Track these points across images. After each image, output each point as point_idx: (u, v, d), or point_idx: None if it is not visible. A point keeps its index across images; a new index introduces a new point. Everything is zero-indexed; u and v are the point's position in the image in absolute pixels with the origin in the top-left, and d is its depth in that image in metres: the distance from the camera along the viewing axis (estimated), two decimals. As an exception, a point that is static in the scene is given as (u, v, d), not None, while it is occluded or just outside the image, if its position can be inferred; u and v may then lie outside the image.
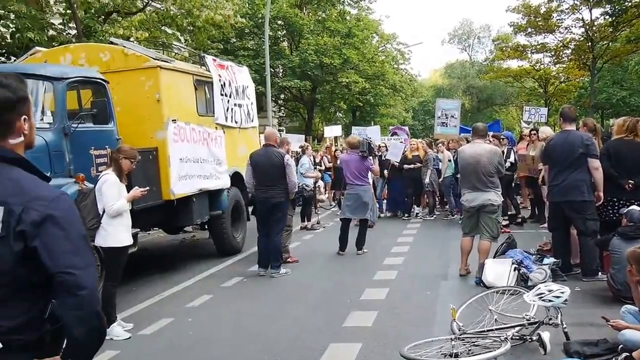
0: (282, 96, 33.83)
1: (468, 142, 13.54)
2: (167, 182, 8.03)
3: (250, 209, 11.32)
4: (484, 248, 7.07)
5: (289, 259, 8.85)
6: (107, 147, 6.79)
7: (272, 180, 7.99)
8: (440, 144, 14.21)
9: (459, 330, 4.42)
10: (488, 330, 4.48)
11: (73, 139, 6.28)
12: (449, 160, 13.27)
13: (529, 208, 12.56)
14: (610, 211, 6.74)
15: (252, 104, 11.43)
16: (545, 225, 10.91)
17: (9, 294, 1.80)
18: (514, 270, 6.58)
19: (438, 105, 19.71)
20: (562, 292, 4.29)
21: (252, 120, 11.38)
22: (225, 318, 6.18)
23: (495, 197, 7.04)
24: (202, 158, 8.97)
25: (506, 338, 4.17)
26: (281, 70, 31.34)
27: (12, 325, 1.80)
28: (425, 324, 5.55)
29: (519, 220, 11.70)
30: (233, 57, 22.27)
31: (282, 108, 35.99)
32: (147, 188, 6.05)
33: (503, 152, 9.84)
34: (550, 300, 4.29)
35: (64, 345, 1.91)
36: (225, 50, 25.46)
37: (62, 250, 1.78)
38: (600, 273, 6.63)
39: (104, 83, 7.07)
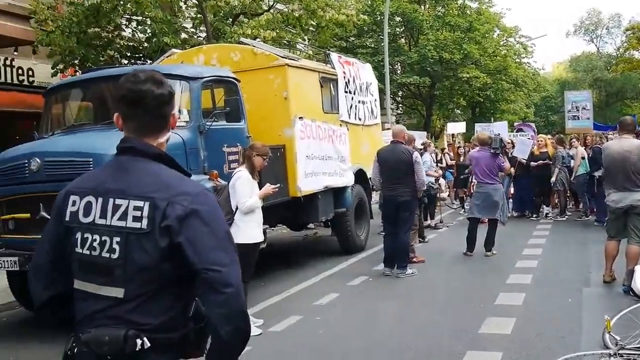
0: (400, 93, 33.42)
1: (606, 138, 12.68)
2: (294, 179, 8.09)
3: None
4: (633, 253, 6.42)
5: (414, 259, 8.61)
6: (238, 144, 6.93)
7: (399, 177, 7.79)
8: (574, 140, 13.31)
9: (616, 345, 3.99)
10: (651, 347, 4.01)
11: (207, 136, 6.46)
12: (583, 158, 12.40)
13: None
14: None
15: (375, 100, 11.32)
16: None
17: (155, 290, 1.78)
18: (671, 277, 5.91)
19: (567, 99, 18.53)
20: None
21: (375, 117, 11.27)
22: (354, 318, 6.08)
23: (645, 197, 6.39)
24: (327, 155, 8.97)
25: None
26: (400, 67, 30.95)
27: (158, 323, 1.78)
28: (570, 335, 5.12)
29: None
30: (352, 55, 22.27)
31: (400, 105, 35.56)
32: (279, 185, 6.06)
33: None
34: None
35: (208, 346, 1.86)
36: (345, 48, 25.53)
37: (208, 246, 1.75)
38: None
39: (235, 82, 7.23)
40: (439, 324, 5.66)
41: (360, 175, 10.04)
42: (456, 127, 18.26)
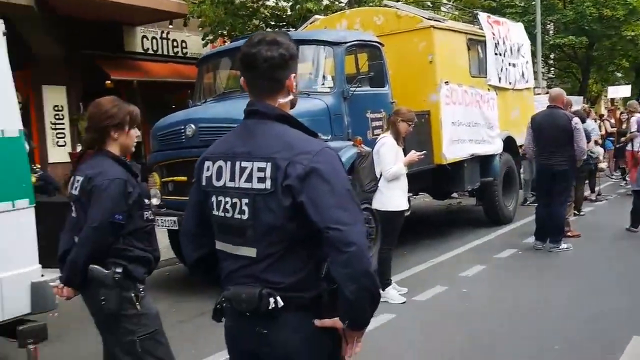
0: (552, 56, 31.22)
1: None
2: (439, 146, 7.81)
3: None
4: None
5: (569, 233, 8.01)
6: (382, 110, 6.78)
7: (556, 145, 7.19)
8: None
9: None
10: None
11: (351, 102, 6.38)
12: None
13: None
14: None
15: (526, 63, 10.60)
16: None
17: (284, 250, 1.79)
18: None
19: None
20: None
21: (527, 81, 10.57)
22: (501, 292, 5.77)
23: None
24: (474, 121, 8.55)
25: None
26: (553, 27, 28.83)
27: (290, 282, 1.79)
28: None
29: None
30: (500, 15, 21.06)
31: (553, 69, 33.26)
32: (424, 152, 5.85)
33: None
34: None
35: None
36: (493, 8, 24.20)
37: (328, 205, 1.71)
38: None
39: (379, 46, 7.06)
40: (601, 303, 5.20)
41: (509, 143, 9.49)
42: (618, 91, 16.64)
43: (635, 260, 6.76)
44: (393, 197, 5.44)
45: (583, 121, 8.46)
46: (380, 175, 5.51)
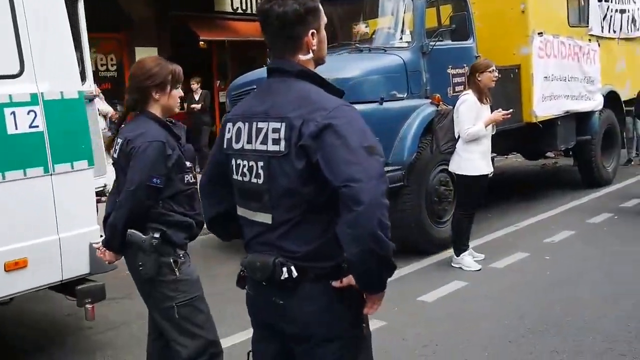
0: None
1: None
2: (529, 103, 7.29)
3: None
4: None
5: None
6: (465, 65, 6.36)
7: None
8: None
9: None
10: None
11: (430, 57, 6.02)
12: None
13: None
14: None
15: (637, 10, 9.62)
16: None
17: (301, 216, 1.70)
18: None
19: None
20: None
21: (639, 29, 9.61)
22: (590, 261, 5.37)
23: None
24: (570, 76, 7.92)
25: None
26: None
27: (307, 251, 1.70)
28: None
29: None
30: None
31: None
32: (511, 110, 5.44)
33: None
34: None
35: None
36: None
37: (340, 161, 1.59)
38: None
39: (465, -3, 6.61)
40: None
41: (611, 98, 8.75)
42: None
43: None
44: (470, 160, 5.11)
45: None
46: (459, 136, 5.21)
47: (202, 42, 12.54)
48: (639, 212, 7.09)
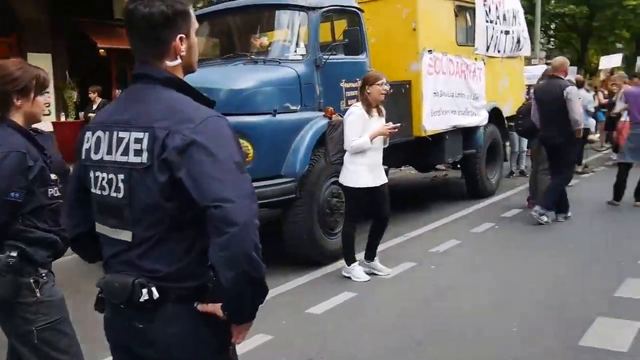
0: (552, 25, 30.66)
1: None
2: (419, 118, 7.58)
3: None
4: None
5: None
6: (357, 79, 6.51)
7: (551, 117, 7.10)
8: None
9: None
10: None
11: (324, 71, 6.11)
12: None
13: None
14: None
15: (522, 31, 10.28)
16: None
17: (163, 234, 1.60)
18: None
19: None
20: None
21: (521, 49, 10.26)
22: (471, 269, 5.64)
23: None
24: (457, 92, 8.32)
25: None
26: (554, -4, 28.25)
27: (170, 271, 1.61)
28: None
29: None
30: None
31: (552, 39, 32.70)
32: (399, 125, 5.52)
33: None
34: None
35: None
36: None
37: (210, 180, 1.50)
38: None
39: (358, 12, 6.77)
40: (568, 283, 5.08)
41: (495, 114, 9.28)
42: (611, 61, 16.23)
43: (613, 233, 6.62)
44: (356, 172, 5.17)
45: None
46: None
47: (102, 50, 12.06)
48: (517, 222, 7.53)
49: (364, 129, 5.14)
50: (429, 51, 7.65)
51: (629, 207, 7.94)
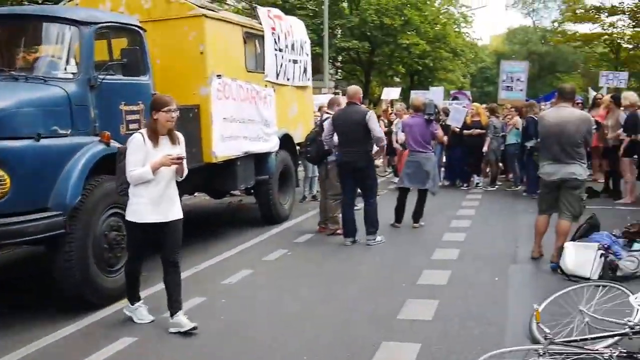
0: (339, 58, 32.75)
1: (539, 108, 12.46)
2: (209, 144, 7.33)
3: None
4: (564, 229, 6.12)
5: (338, 231, 8.10)
6: (140, 102, 6.09)
7: (354, 141, 7.37)
8: (512, 109, 13.01)
9: (546, 339, 3.54)
10: (582, 340, 3.58)
11: (100, 92, 5.56)
12: (517, 128, 12.15)
13: (600, 181, 11.36)
14: None
15: (307, 61, 10.58)
16: (622, 201, 9.84)
17: None
18: (600, 257, 5.60)
19: (502, 69, 18.40)
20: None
21: (308, 79, 10.55)
22: (263, 301, 5.45)
23: (580, 170, 6.04)
24: (248, 118, 8.25)
25: (611, 357, 3.28)
26: (340, 31, 30.20)
27: None
28: (496, 322, 4.68)
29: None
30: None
31: (339, 71, 34.92)
32: (182, 155, 4.74)
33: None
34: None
35: None
36: (284, 9, 24.53)
37: None
38: None
39: (139, 31, 6.34)
40: (355, 309, 5.13)
41: (286, 140, 9.39)
42: (390, 93, 17.74)
43: (395, 255, 6.94)
44: (137, 205, 4.61)
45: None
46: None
47: None
48: (310, 247, 7.59)
49: (146, 159, 4.56)
50: (217, 76, 7.46)
51: (408, 228, 8.45)
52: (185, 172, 4.81)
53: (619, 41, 35.02)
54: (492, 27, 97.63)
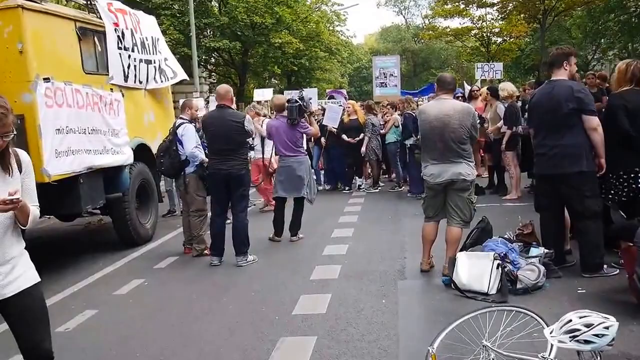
0: (212, 60, 31.43)
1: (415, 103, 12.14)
2: (38, 160, 6.04)
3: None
4: (454, 236, 5.46)
5: (206, 251, 7.10)
6: None
7: (230, 148, 6.55)
8: (389, 106, 12.57)
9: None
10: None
11: None
12: (395, 126, 11.73)
13: (484, 176, 11.18)
14: (627, 186, 5.23)
15: (165, 59, 9.40)
16: (508, 196, 9.60)
17: None
18: (497, 267, 5.00)
19: (375, 65, 18.31)
20: (607, 328, 2.72)
21: (167, 79, 9.35)
22: (106, 351, 4.36)
23: (468, 169, 5.39)
24: (91, 127, 7.01)
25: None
26: (209, 31, 28.91)
27: None
28: (386, 356, 3.92)
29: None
30: (155, 17, 19.85)
31: (213, 74, 33.57)
32: (14, 197, 2.87)
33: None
34: (589, 342, 2.71)
35: None
36: (147, 8, 22.90)
37: None
38: (606, 267, 5.20)
39: None
40: (218, 354, 4.18)
41: (142, 151, 8.21)
42: (264, 94, 16.83)
43: (270, 277, 6.03)
44: None
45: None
46: None
47: None
48: (171, 273, 6.55)
49: None
50: (45, 79, 6.19)
51: (286, 243, 7.61)
52: (34, 216, 3.08)
53: (489, 35, 36.61)
54: (365, 26, 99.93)
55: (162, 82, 9.15)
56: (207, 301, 5.43)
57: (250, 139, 7.19)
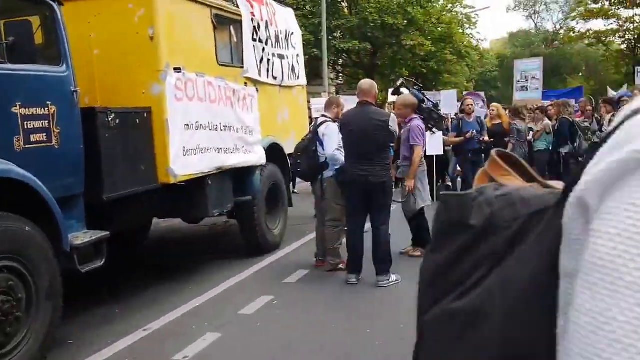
0: (340, 61, 30.94)
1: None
2: (164, 158, 5.50)
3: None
4: None
5: (340, 266, 6.27)
6: (49, 102, 4.25)
7: (370, 151, 5.67)
8: (537, 111, 11.19)
9: None
10: None
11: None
12: (547, 132, 10.36)
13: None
14: None
15: (298, 56, 8.73)
16: None
17: None
18: None
19: (516, 68, 17.31)
20: None
21: (298, 78, 8.69)
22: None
23: None
24: (223, 124, 6.41)
25: None
26: (339, 32, 28.40)
27: None
28: None
29: None
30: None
31: (341, 75, 33.09)
32: None
33: None
34: None
35: None
36: (279, 8, 22.87)
37: None
38: None
39: (52, 5, 4.51)
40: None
41: (274, 152, 7.54)
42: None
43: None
44: None
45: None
46: None
47: None
48: (302, 290, 5.76)
49: None
50: (176, 69, 5.64)
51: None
52: None
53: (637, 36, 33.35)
54: (493, 30, 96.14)
55: (295, 79, 8.49)
56: (348, 334, 4.54)
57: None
